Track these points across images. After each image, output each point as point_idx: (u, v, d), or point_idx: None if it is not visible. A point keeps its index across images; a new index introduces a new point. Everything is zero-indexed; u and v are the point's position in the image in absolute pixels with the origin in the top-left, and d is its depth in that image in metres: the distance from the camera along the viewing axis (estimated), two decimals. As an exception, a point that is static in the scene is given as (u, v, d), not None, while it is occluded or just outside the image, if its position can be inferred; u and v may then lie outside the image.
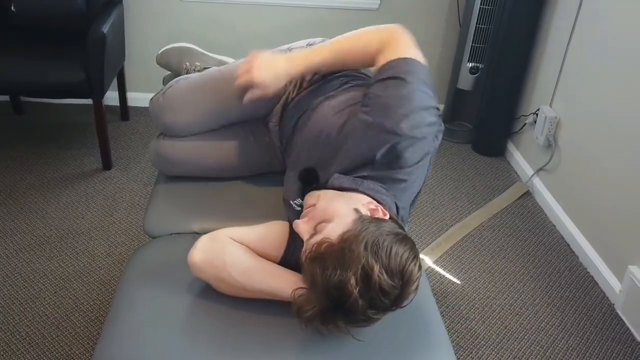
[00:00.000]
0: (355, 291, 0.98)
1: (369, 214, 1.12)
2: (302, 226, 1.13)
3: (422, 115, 1.20)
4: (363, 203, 1.15)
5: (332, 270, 0.99)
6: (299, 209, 1.31)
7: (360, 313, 1.01)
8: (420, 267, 1.06)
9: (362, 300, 0.99)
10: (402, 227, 1.13)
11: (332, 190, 1.20)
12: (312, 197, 1.20)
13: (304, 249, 1.11)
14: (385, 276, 1.00)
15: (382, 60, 1.28)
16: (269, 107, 1.58)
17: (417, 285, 1.07)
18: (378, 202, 1.18)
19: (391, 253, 1.02)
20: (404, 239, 1.08)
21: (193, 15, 2.95)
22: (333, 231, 1.07)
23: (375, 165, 1.21)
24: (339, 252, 1.01)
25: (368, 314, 1.02)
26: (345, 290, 0.98)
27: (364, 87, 1.35)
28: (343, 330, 1.05)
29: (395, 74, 1.23)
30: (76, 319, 1.87)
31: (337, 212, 1.11)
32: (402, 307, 1.07)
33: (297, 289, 1.06)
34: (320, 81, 1.50)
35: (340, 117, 1.29)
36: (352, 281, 0.98)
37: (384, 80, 1.24)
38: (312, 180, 1.28)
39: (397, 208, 1.24)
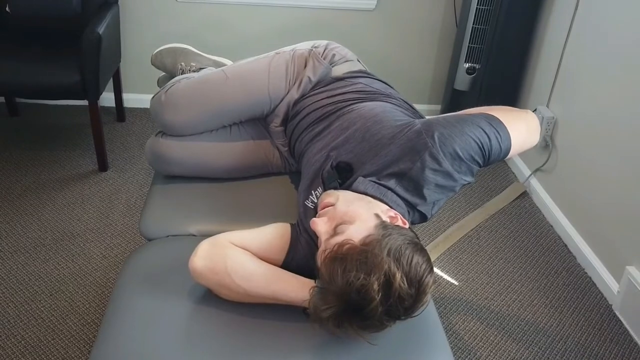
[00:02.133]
0: (377, 297, 0.98)
1: (388, 221, 1.11)
2: (321, 225, 1.12)
3: (464, 157, 1.20)
4: (382, 210, 1.14)
5: (355, 274, 0.98)
6: (312, 206, 1.30)
7: (376, 319, 1.01)
8: (434, 280, 1.07)
9: (381, 307, 0.99)
10: (418, 238, 1.13)
11: (351, 192, 1.19)
12: (330, 196, 1.19)
13: (322, 249, 1.09)
14: (405, 284, 1.00)
15: (489, 111, 1.31)
16: (270, 108, 1.58)
17: (428, 298, 1.07)
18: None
19: (412, 262, 1.03)
20: (422, 249, 1.08)
21: (189, 16, 2.94)
22: (355, 233, 1.06)
23: (403, 179, 1.20)
24: (361, 255, 1.01)
25: (383, 320, 1.02)
26: (366, 295, 0.98)
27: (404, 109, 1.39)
28: (356, 334, 1.04)
29: (476, 126, 1.24)
30: (72, 321, 1.85)
31: (359, 215, 1.10)
32: (412, 317, 1.06)
33: (313, 287, 1.05)
34: (329, 86, 1.50)
35: (396, 125, 1.27)
36: (375, 286, 0.98)
37: (467, 120, 1.25)
38: (345, 176, 1.26)
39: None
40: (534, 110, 2.62)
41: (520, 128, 1.30)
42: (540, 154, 2.60)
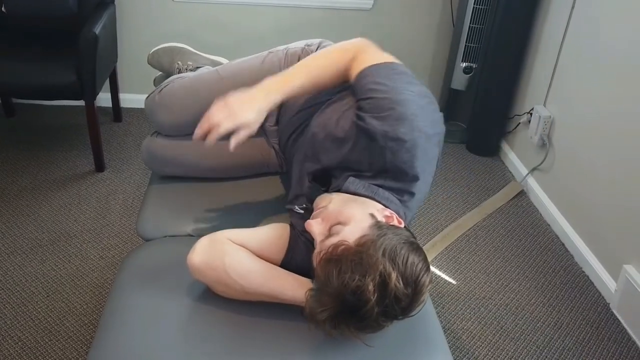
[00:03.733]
0: (373, 298, 0.98)
1: (384, 221, 1.11)
2: (316, 227, 1.11)
3: (422, 114, 1.18)
4: (378, 209, 1.14)
5: (350, 275, 0.98)
6: (301, 211, 1.30)
7: (373, 320, 1.01)
8: (431, 279, 1.06)
9: (377, 308, 0.99)
10: (414, 237, 1.13)
11: (345, 194, 1.18)
12: (324, 199, 1.18)
13: (317, 250, 1.09)
14: (401, 284, 1.00)
15: (357, 70, 1.26)
16: None
17: (425, 298, 1.06)
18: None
19: (407, 262, 1.02)
20: (418, 248, 1.08)
21: (186, 15, 2.93)
22: (350, 234, 1.06)
23: (388, 173, 1.19)
24: (356, 256, 1.00)
25: (379, 321, 1.02)
26: (362, 296, 0.98)
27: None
28: (353, 335, 1.04)
29: (376, 80, 1.21)
30: (69, 322, 1.85)
31: (353, 215, 1.10)
32: (409, 317, 1.06)
33: (309, 289, 1.05)
34: None
35: (344, 121, 1.26)
36: (370, 287, 0.97)
37: (369, 88, 1.22)
38: (324, 182, 1.26)
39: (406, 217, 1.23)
40: (531, 110, 2.62)
41: (382, 54, 1.30)
42: (538, 153, 2.60)
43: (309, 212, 1.29)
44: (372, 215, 1.11)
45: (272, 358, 1.12)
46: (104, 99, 3.04)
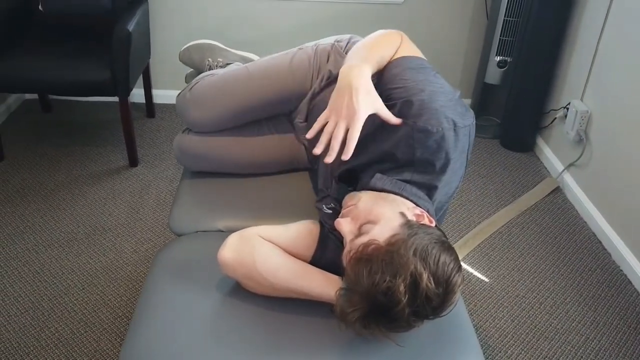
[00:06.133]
0: (404, 299, 0.97)
1: (414, 219, 1.09)
2: (346, 226, 1.10)
3: (450, 106, 1.16)
4: (408, 207, 1.12)
5: (381, 275, 0.97)
6: (329, 211, 1.29)
7: (404, 320, 1.00)
8: (462, 279, 1.05)
9: (408, 308, 0.98)
10: (445, 236, 1.11)
11: (374, 192, 1.17)
12: (352, 197, 1.17)
13: (347, 249, 1.08)
14: (432, 284, 0.98)
15: (396, 56, 1.26)
16: (294, 104, 1.57)
17: (457, 298, 1.05)
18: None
19: (439, 261, 1.01)
20: (450, 248, 1.06)
21: (217, 12, 2.95)
22: (380, 234, 1.05)
23: (415, 167, 1.17)
24: (387, 256, 0.99)
25: (410, 321, 1.01)
26: (393, 297, 0.97)
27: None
28: (383, 335, 1.03)
29: (406, 71, 1.20)
30: (104, 315, 1.88)
31: (383, 214, 1.09)
32: (440, 317, 1.05)
33: (340, 289, 1.04)
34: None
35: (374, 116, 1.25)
36: (401, 288, 0.96)
37: (400, 78, 1.20)
38: (350, 182, 1.25)
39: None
40: (567, 105, 2.56)
41: (416, 48, 1.31)
42: (574, 149, 2.54)
43: (337, 212, 1.28)
44: (402, 214, 1.09)
45: (301, 354, 1.12)
46: (137, 94, 3.09)
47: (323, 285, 1.17)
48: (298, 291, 1.18)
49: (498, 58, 2.79)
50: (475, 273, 2.12)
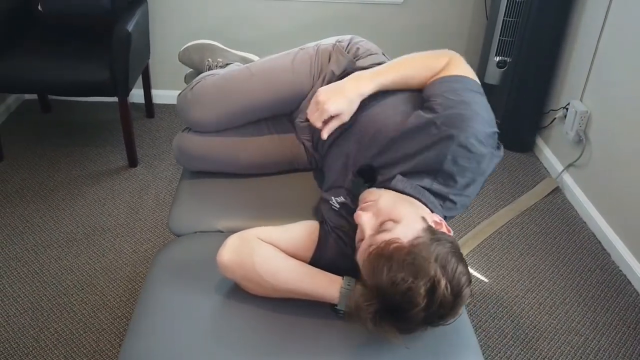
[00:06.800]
0: (422, 302, 0.97)
1: (433, 226, 1.10)
2: (367, 220, 1.10)
3: (489, 132, 1.21)
4: (427, 213, 1.14)
5: (403, 275, 0.97)
6: (337, 207, 1.29)
7: (416, 323, 1.00)
8: (471, 293, 1.05)
9: (423, 312, 0.99)
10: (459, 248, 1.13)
11: (392, 192, 1.17)
12: (372, 193, 1.17)
13: (367, 244, 1.07)
14: (448, 292, 1.00)
15: (443, 73, 1.30)
16: (295, 103, 1.57)
17: (462, 311, 1.07)
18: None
19: (457, 271, 1.02)
20: (464, 260, 1.07)
21: (217, 11, 2.95)
22: (403, 234, 1.05)
23: (438, 176, 1.19)
24: (409, 257, 0.99)
25: (420, 324, 1.02)
26: (412, 299, 0.97)
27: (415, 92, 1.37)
28: (391, 334, 1.03)
29: (461, 86, 1.25)
30: (103, 315, 1.88)
31: (405, 215, 1.09)
32: (442, 326, 1.05)
33: (358, 282, 1.03)
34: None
35: (402, 117, 1.27)
36: (421, 291, 0.97)
37: (446, 97, 1.24)
38: (370, 178, 1.26)
39: None
40: (567, 105, 2.56)
41: (470, 70, 1.35)
42: (574, 149, 2.54)
43: (344, 208, 1.28)
44: (424, 219, 1.10)
45: (301, 355, 1.12)
46: (136, 95, 3.09)
47: (324, 285, 1.17)
48: (298, 292, 1.17)
49: (497, 58, 2.79)
50: (475, 273, 2.12)
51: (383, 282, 0.98)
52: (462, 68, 1.32)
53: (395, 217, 1.08)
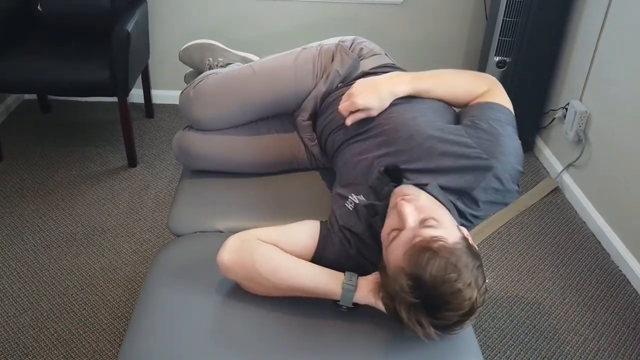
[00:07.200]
0: (467, 307, 1.00)
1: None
2: (410, 211, 1.10)
3: (519, 170, 1.26)
4: (459, 224, 1.16)
5: (456, 277, 0.99)
6: (355, 202, 1.29)
7: (450, 323, 1.02)
8: (479, 313, 1.08)
9: (459, 315, 1.01)
10: None
11: (429, 195, 1.18)
12: (410, 189, 1.18)
13: (411, 235, 1.07)
14: (479, 302, 1.02)
15: (487, 99, 1.34)
16: (298, 102, 1.58)
17: (467, 326, 1.08)
18: None
19: (484, 284, 1.06)
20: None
21: (217, 11, 2.95)
22: (448, 235, 1.06)
23: (464, 197, 1.23)
24: (453, 258, 1.01)
25: (451, 327, 1.03)
26: (460, 300, 0.99)
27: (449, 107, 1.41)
28: (424, 329, 1.03)
29: (504, 118, 1.29)
30: (102, 315, 1.88)
31: (446, 220, 1.11)
32: (446, 334, 1.06)
33: (401, 268, 1.03)
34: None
35: (439, 129, 1.28)
36: (467, 296, 1.00)
37: (495, 120, 1.28)
38: (396, 179, 1.26)
39: None
40: (566, 105, 2.56)
41: (509, 101, 1.38)
42: (573, 149, 2.55)
43: (359, 208, 1.26)
44: (459, 229, 1.12)
45: (301, 355, 1.12)
46: (136, 95, 3.09)
47: (325, 281, 1.17)
48: (300, 289, 1.17)
49: (497, 58, 2.79)
50: (475, 273, 2.12)
51: (432, 276, 0.98)
52: (505, 99, 1.35)
53: (437, 218, 1.10)
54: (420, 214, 1.10)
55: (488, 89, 1.37)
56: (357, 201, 1.29)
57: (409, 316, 1.02)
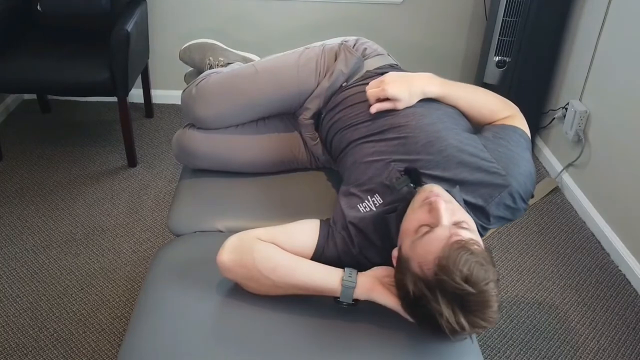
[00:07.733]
0: (494, 305, 1.02)
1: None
2: (446, 210, 1.10)
3: (530, 191, 1.30)
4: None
5: (490, 283, 1.00)
6: (377, 202, 1.28)
7: (483, 321, 1.02)
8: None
9: (484, 315, 1.03)
10: None
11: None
12: (439, 188, 1.18)
13: (447, 233, 1.06)
14: (495, 308, 1.05)
15: (511, 122, 1.38)
16: (300, 101, 1.57)
17: (468, 333, 1.09)
18: None
19: (497, 295, 1.07)
20: None
21: (217, 12, 2.95)
22: (478, 239, 1.08)
23: (477, 212, 1.24)
24: (485, 261, 1.02)
25: (475, 326, 1.04)
26: (491, 301, 1.01)
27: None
28: (454, 318, 1.02)
29: (524, 144, 1.34)
30: (102, 315, 1.88)
31: (473, 226, 1.13)
32: (448, 337, 1.06)
33: (437, 260, 1.03)
34: (369, 80, 1.48)
35: (461, 139, 1.29)
36: (495, 299, 1.02)
37: (517, 143, 1.32)
38: (414, 180, 1.27)
39: None
40: (566, 105, 2.56)
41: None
42: (573, 149, 2.55)
43: (372, 214, 1.26)
44: (480, 234, 1.15)
45: (301, 355, 1.12)
46: (136, 95, 3.09)
47: (325, 277, 1.17)
48: (300, 286, 1.17)
49: (497, 58, 2.79)
50: (474, 273, 2.12)
51: (470, 273, 0.99)
52: (527, 128, 1.40)
53: (468, 222, 1.11)
54: (453, 216, 1.11)
55: (511, 115, 1.42)
56: (374, 207, 1.28)
57: (437, 307, 1.02)
